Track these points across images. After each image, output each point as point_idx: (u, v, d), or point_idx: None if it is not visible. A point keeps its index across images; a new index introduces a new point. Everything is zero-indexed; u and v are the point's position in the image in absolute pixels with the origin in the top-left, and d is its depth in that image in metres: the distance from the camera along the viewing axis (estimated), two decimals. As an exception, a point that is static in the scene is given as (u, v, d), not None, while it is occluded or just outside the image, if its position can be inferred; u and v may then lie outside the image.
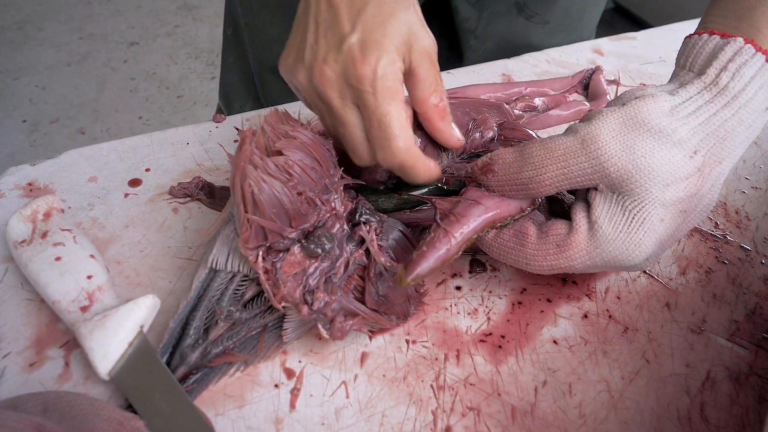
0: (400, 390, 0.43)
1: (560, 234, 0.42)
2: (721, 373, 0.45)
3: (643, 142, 0.40)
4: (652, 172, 0.40)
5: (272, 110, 0.44)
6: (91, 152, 0.60)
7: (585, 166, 0.41)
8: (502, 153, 0.43)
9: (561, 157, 0.41)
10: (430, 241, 0.41)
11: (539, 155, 0.41)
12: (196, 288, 0.43)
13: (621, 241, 0.41)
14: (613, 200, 0.41)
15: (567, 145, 0.41)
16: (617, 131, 0.40)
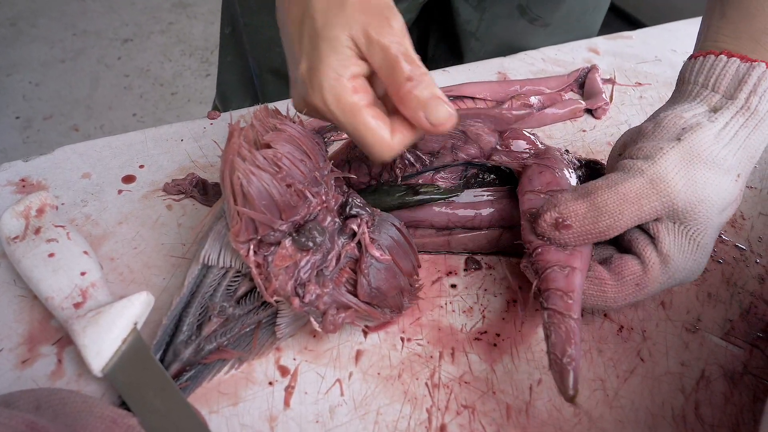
0: (395, 388, 0.42)
1: (636, 273, 0.43)
2: (716, 371, 0.45)
3: (701, 174, 0.42)
4: (711, 201, 0.42)
5: (262, 106, 0.44)
6: (84, 148, 0.59)
7: (656, 205, 0.42)
8: (572, 207, 0.42)
9: (634, 200, 0.42)
10: (563, 338, 0.40)
11: (614, 203, 0.42)
12: (188, 284, 0.43)
13: (689, 266, 0.44)
14: (676, 231, 0.43)
15: (638, 188, 0.42)
16: (679, 167, 0.42)
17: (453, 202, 0.51)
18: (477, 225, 0.51)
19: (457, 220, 0.51)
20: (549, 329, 0.40)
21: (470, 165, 0.55)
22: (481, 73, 0.74)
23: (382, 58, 0.39)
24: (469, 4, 0.83)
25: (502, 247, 0.52)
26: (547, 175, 0.49)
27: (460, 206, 0.51)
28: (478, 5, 0.82)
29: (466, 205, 0.51)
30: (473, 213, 0.51)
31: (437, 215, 0.51)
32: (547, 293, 0.42)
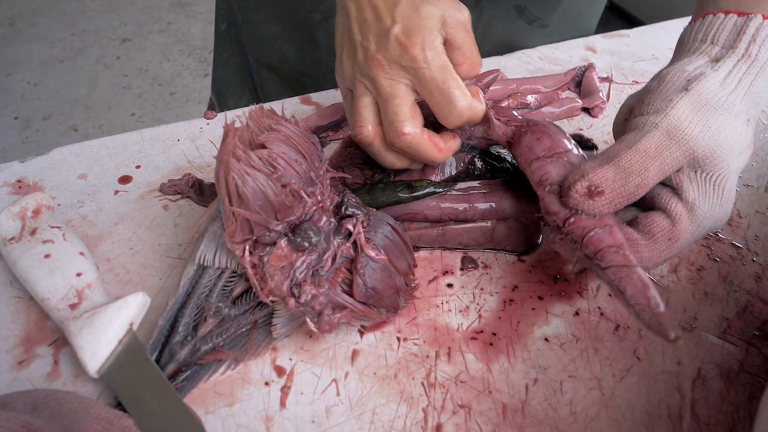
0: (391, 388, 0.43)
1: (665, 228, 0.43)
2: (712, 370, 0.45)
3: (714, 119, 0.43)
4: (728, 145, 0.43)
5: (257, 106, 0.44)
6: (81, 149, 0.59)
7: (677, 155, 0.43)
8: (601, 173, 0.43)
9: (656, 155, 0.42)
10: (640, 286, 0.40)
11: (638, 161, 0.42)
12: (184, 285, 0.43)
13: (716, 213, 0.44)
14: (699, 178, 0.44)
15: (657, 142, 0.43)
16: (692, 115, 0.43)
17: (446, 195, 0.51)
18: (470, 217, 0.51)
19: (451, 212, 0.51)
20: (621, 285, 0.40)
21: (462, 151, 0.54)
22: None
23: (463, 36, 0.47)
24: (468, 5, 0.83)
25: (498, 241, 0.52)
26: (545, 140, 0.48)
27: (452, 198, 0.51)
28: (475, 6, 0.82)
29: (458, 197, 0.51)
30: (466, 205, 0.51)
31: (431, 208, 0.51)
32: (600, 254, 0.42)
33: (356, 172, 0.55)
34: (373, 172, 0.53)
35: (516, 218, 0.51)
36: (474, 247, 0.52)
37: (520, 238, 0.52)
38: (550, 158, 0.47)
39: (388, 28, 0.46)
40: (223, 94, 0.96)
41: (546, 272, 0.51)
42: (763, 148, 0.67)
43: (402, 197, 0.50)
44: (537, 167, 0.47)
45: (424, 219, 0.51)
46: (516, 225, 0.51)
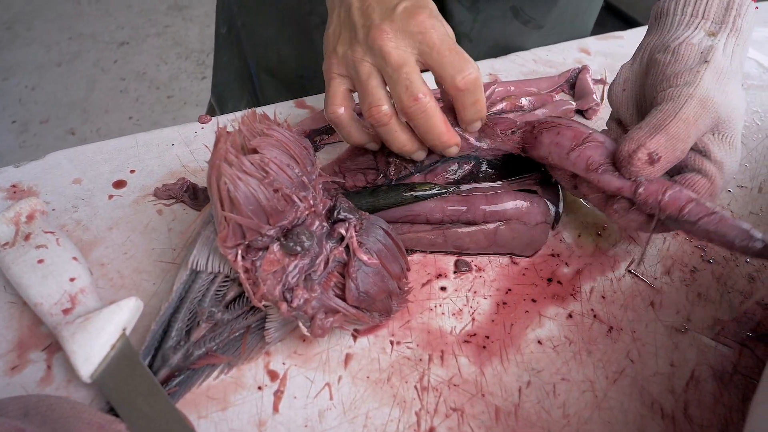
0: (384, 391, 0.43)
1: (705, 186, 0.47)
2: (706, 372, 0.46)
3: (728, 86, 0.48)
4: (739, 108, 0.49)
5: (250, 111, 0.44)
6: (75, 154, 0.59)
7: (708, 122, 0.47)
8: (656, 141, 0.45)
9: (693, 122, 0.46)
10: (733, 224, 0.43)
11: (683, 129, 0.46)
12: (177, 290, 0.43)
13: (733, 166, 0.48)
14: (719, 139, 0.48)
15: (694, 111, 0.46)
16: (714, 84, 0.47)
17: (449, 198, 0.51)
18: (472, 219, 0.51)
19: (453, 213, 0.51)
20: (719, 230, 0.44)
21: (463, 159, 0.55)
22: (473, 74, 0.74)
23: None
24: (462, 6, 0.83)
25: (501, 244, 0.51)
26: (565, 131, 0.50)
27: (455, 200, 0.51)
28: (471, 7, 0.83)
29: (460, 199, 0.51)
30: (466, 206, 0.51)
31: (433, 209, 0.51)
32: (685, 210, 0.44)
33: (359, 176, 0.55)
34: (377, 177, 0.54)
35: (519, 219, 0.51)
36: (476, 251, 0.52)
37: (524, 240, 0.52)
38: (582, 145, 0.48)
39: (395, 4, 0.48)
40: (223, 97, 0.96)
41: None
42: (757, 149, 0.68)
43: (405, 197, 0.50)
44: (576, 157, 0.48)
45: (426, 221, 0.51)
46: (519, 227, 0.51)
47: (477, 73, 0.47)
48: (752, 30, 0.52)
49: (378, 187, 0.52)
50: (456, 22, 0.84)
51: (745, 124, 0.71)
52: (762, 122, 0.72)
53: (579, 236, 0.55)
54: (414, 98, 0.47)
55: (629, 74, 0.54)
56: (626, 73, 0.54)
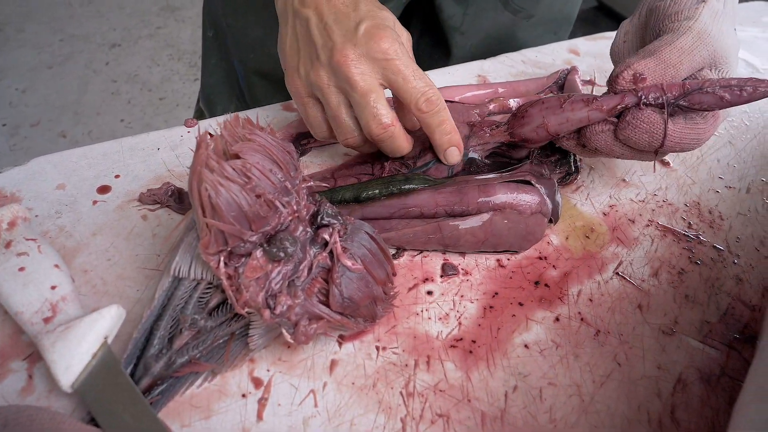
0: (370, 397, 0.42)
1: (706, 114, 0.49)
2: (693, 374, 0.45)
3: (724, 26, 0.50)
4: (734, 46, 0.51)
5: (233, 116, 0.44)
6: (60, 159, 0.59)
7: (704, 54, 0.49)
8: (644, 63, 0.48)
9: (689, 52, 0.48)
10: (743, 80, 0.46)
11: (675, 56, 0.48)
12: (159, 297, 0.43)
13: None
14: (718, 75, 0.50)
15: (691, 41, 0.48)
16: (711, 21, 0.49)
17: (442, 189, 0.51)
18: (465, 210, 0.50)
19: (446, 204, 0.50)
20: (725, 84, 0.46)
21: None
22: (462, 75, 0.74)
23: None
24: (452, 0, 0.83)
25: (498, 235, 0.51)
26: (550, 99, 0.52)
27: (447, 192, 0.51)
28: (461, 0, 0.82)
29: (453, 190, 0.51)
30: (461, 198, 0.51)
31: (425, 201, 0.51)
32: (690, 87, 0.47)
33: (352, 180, 0.55)
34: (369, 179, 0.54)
35: (513, 209, 0.50)
36: (472, 246, 0.52)
37: (520, 232, 0.51)
38: (571, 97, 0.51)
39: (355, 24, 0.49)
40: (212, 101, 0.96)
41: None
42: (745, 150, 0.67)
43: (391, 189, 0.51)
44: (571, 104, 0.51)
45: (420, 215, 0.51)
46: (514, 216, 0.50)
47: (438, 95, 0.50)
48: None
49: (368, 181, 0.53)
50: (446, 16, 0.84)
51: (734, 124, 0.71)
52: (750, 123, 0.72)
53: (567, 239, 0.55)
54: (382, 127, 0.49)
55: (629, 27, 0.56)
56: (626, 26, 0.56)
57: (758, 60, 0.84)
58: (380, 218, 0.51)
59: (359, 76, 0.48)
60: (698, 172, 0.64)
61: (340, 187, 0.52)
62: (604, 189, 0.60)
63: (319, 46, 0.49)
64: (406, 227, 0.50)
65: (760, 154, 0.67)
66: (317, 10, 0.50)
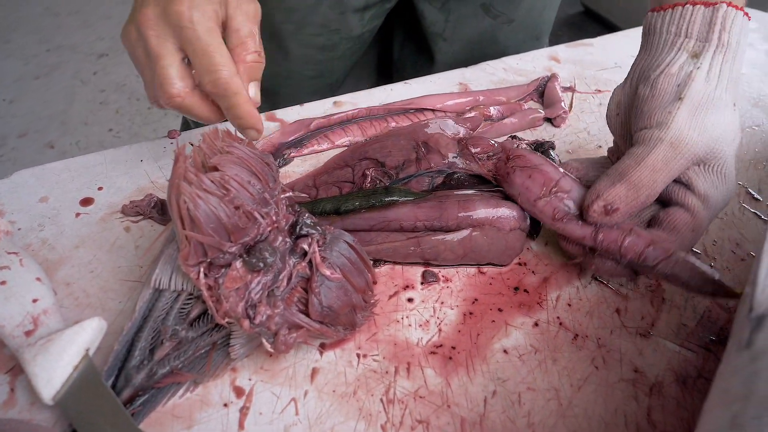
0: (350, 405, 0.43)
1: (687, 221, 0.48)
2: (669, 377, 0.46)
3: (708, 118, 0.47)
4: (723, 137, 0.47)
5: (212, 128, 0.44)
6: (42, 172, 0.59)
7: (682, 163, 0.47)
8: (614, 192, 0.47)
9: (663, 167, 0.46)
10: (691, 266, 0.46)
11: (647, 176, 0.46)
12: (140, 309, 0.43)
13: (724, 197, 0.49)
14: (705, 171, 0.48)
15: (663, 155, 0.46)
16: (689, 122, 0.46)
17: (422, 204, 0.52)
18: (445, 225, 0.51)
19: (426, 219, 0.51)
20: (675, 274, 0.46)
21: (437, 173, 0.56)
22: (443, 84, 0.75)
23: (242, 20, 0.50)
24: (433, 7, 0.84)
25: (478, 251, 0.52)
26: (537, 176, 0.51)
27: (427, 206, 0.51)
28: (442, 7, 0.84)
29: (433, 205, 0.51)
30: (440, 213, 0.51)
31: (406, 215, 0.51)
32: (643, 256, 0.47)
33: (334, 189, 0.56)
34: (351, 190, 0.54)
35: (492, 225, 0.51)
36: (453, 260, 0.52)
37: (500, 247, 0.52)
38: (549, 195, 0.50)
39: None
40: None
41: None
42: (723, 154, 0.68)
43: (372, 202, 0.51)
44: (544, 206, 0.51)
45: (400, 228, 0.51)
46: (494, 233, 0.51)
47: (222, 76, 0.46)
48: (745, 43, 0.49)
49: (350, 192, 0.53)
50: (429, 23, 0.86)
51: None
52: (728, 126, 0.73)
53: (546, 245, 0.55)
54: (168, 95, 0.47)
55: (621, 97, 0.53)
56: (618, 96, 0.54)
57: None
58: (360, 230, 0.51)
59: (155, 39, 0.46)
60: (676, 177, 0.64)
61: (321, 199, 0.52)
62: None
63: (136, 6, 0.48)
64: (385, 241, 0.51)
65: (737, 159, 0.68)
66: None
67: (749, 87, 0.81)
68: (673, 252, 0.46)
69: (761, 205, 0.62)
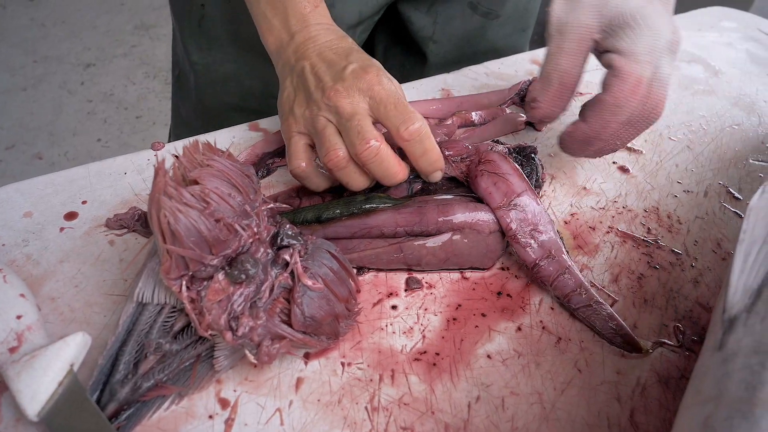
0: (335, 414, 0.43)
1: (618, 85, 0.50)
2: (651, 378, 0.47)
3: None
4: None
5: (193, 141, 0.44)
6: (26, 186, 0.59)
7: (575, 39, 0.52)
8: (531, 87, 0.55)
9: (558, 51, 0.52)
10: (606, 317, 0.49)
11: (551, 65, 0.53)
12: (124, 323, 0.43)
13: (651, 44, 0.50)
14: (617, 30, 0.50)
15: (555, 42, 0.52)
16: (565, 5, 0.52)
17: (401, 210, 0.52)
18: (426, 230, 0.52)
19: (406, 225, 0.52)
20: (590, 321, 0.49)
21: (414, 178, 0.56)
22: (426, 89, 0.76)
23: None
24: (420, 12, 0.85)
25: (460, 254, 0.52)
26: (501, 184, 0.53)
27: (408, 212, 0.52)
28: (429, 10, 0.84)
29: (413, 211, 0.52)
30: (420, 218, 0.52)
31: (386, 222, 0.52)
32: (568, 298, 0.50)
33: (316, 198, 0.56)
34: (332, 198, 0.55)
35: (472, 228, 0.52)
36: (435, 265, 0.53)
37: (480, 250, 0.52)
38: (508, 207, 0.52)
39: (344, 66, 0.52)
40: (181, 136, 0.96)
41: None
42: (703, 153, 0.69)
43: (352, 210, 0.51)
44: (501, 217, 0.52)
45: (381, 235, 0.52)
46: (474, 236, 0.52)
47: (420, 124, 0.50)
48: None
49: (331, 201, 0.53)
50: (417, 27, 0.86)
51: (692, 128, 0.73)
52: (708, 127, 0.74)
53: (528, 248, 0.56)
54: (366, 142, 0.49)
55: None
56: None
57: (717, 64, 0.87)
58: (342, 238, 0.51)
59: (347, 103, 0.50)
60: (657, 178, 0.65)
61: (303, 209, 0.53)
62: (565, 198, 0.62)
63: (313, 87, 0.52)
64: (367, 247, 0.51)
65: (717, 158, 0.69)
66: (311, 61, 0.53)
67: (729, 86, 0.82)
68: (593, 302, 0.49)
69: (741, 204, 0.63)
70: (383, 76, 0.51)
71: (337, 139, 0.51)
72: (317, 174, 0.54)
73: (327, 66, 0.52)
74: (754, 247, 0.37)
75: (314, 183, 0.55)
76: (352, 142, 0.50)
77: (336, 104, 0.50)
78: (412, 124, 0.50)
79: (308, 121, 0.52)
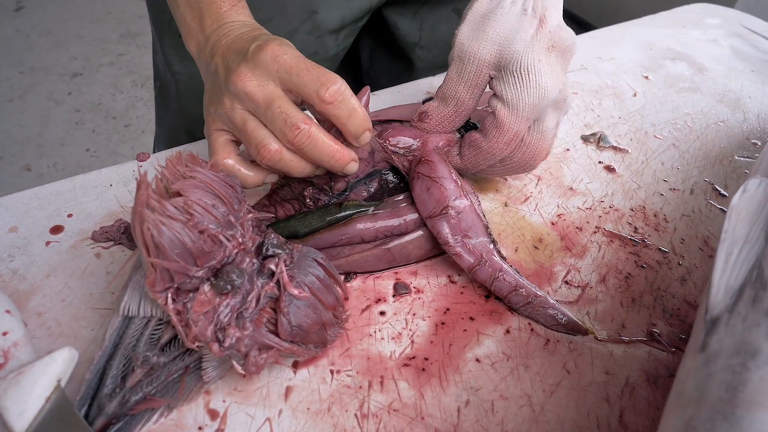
0: (324, 422, 0.43)
1: (491, 122, 0.52)
2: (640, 377, 0.47)
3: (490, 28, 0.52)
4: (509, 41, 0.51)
5: (175, 152, 0.44)
6: (11, 201, 0.59)
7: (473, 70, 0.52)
8: (427, 103, 0.56)
9: (458, 78, 0.53)
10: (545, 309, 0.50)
11: (449, 88, 0.54)
12: (111, 337, 0.43)
13: (528, 97, 0.51)
14: (504, 75, 0.51)
15: (456, 68, 0.53)
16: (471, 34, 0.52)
17: (377, 214, 0.52)
18: (405, 230, 0.52)
19: (386, 229, 0.52)
20: (534, 317, 0.50)
21: (367, 179, 0.56)
22: (411, 93, 0.76)
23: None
24: (406, 18, 0.85)
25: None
26: (434, 191, 0.52)
27: (384, 216, 0.52)
28: (414, 16, 0.84)
29: (389, 213, 0.52)
30: (399, 220, 0.52)
31: (366, 230, 0.52)
32: (508, 298, 0.51)
33: (289, 206, 0.56)
34: (301, 207, 0.54)
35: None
36: (424, 255, 0.53)
37: None
38: (439, 216, 0.52)
39: (247, 48, 0.49)
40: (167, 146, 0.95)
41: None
42: (688, 151, 0.70)
43: (335, 217, 0.51)
44: (432, 226, 0.52)
45: (362, 241, 0.52)
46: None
47: (340, 84, 0.47)
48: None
49: (306, 212, 0.53)
50: (403, 33, 0.86)
51: (677, 126, 0.73)
52: (693, 124, 0.74)
53: (516, 251, 0.56)
54: (295, 127, 0.47)
55: None
56: None
57: (701, 61, 0.87)
58: (324, 248, 0.51)
59: (257, 88, 0.47)
60: (643, 176, 0.65)
61: (279, 221, 0.52)
62: (551, 199, 0.62)
63: (222, 78, 0.49)
64: (353, 252, 0.51)
65: (703, 155, 0.69)
66: (222, 56, 0.50)
67: (714, 83, 0.82)
68: (532, 299, 0.50)
69: (728, 201, 0.63)
70: (287, 45, 0.48)
71: (264, 133, 0.48)
72: (244, 168, 0.52)
73: (235, 55, 0.49)
74: (735, 247, 0.37)
75: (244, 179, 0.52)
76: (281, 130, 0.47)
77: (244, 90, 0.47)
78: (333, 84, 0.47)
79: (225, 118, 0.50)
